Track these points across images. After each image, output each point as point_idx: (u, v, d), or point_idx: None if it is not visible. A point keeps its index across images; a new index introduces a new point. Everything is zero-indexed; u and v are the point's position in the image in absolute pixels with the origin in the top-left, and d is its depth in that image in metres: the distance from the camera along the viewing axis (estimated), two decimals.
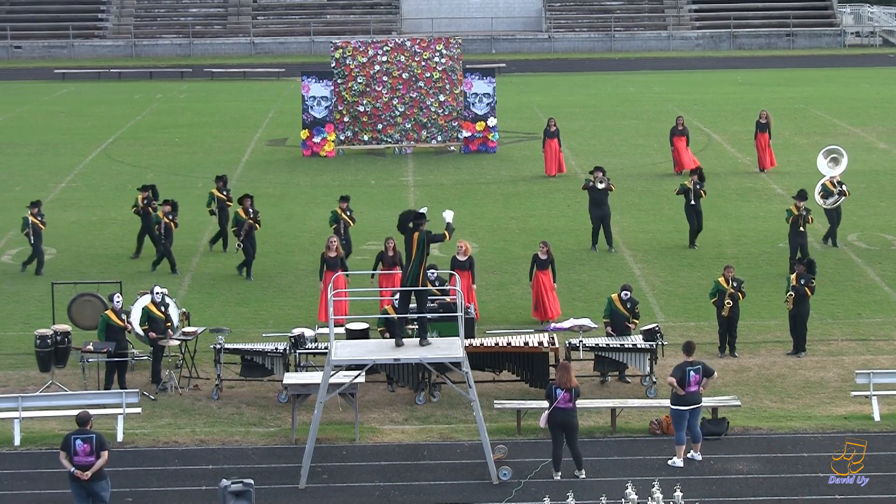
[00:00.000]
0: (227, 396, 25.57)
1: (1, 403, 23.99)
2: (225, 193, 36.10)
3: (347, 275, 29.79)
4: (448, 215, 22.77)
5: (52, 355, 25.88)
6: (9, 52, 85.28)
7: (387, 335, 25.23)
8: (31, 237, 33.82)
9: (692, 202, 35.77)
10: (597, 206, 35.57)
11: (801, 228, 32.86)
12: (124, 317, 26.13)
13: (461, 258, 29.44)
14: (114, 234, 37.71)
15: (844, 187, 35.87)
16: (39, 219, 34.04)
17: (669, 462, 22.10)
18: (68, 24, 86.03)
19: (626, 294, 26.73)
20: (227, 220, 35.27)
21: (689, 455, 22.29)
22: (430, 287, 27.28)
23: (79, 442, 19.74)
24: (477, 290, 30.08)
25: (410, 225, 22.59)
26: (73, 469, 19.66)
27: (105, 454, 19.81)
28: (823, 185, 36.05)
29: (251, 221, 33.38)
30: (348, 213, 33.65)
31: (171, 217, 34.01)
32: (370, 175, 45.88)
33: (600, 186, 35.56)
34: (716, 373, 22.74)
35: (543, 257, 29.70)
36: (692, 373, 22.17)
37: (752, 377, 26.32)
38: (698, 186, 35.87)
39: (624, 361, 25.79)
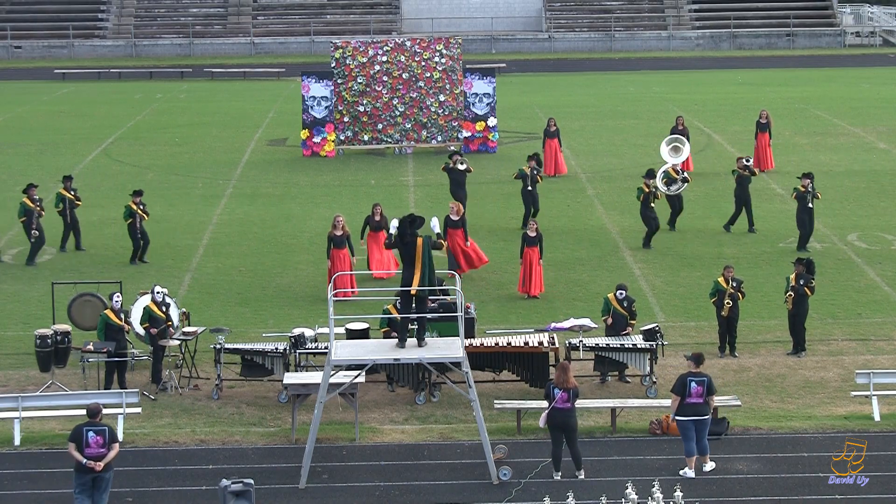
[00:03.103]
0: (227, 396, 25.56)
1: (1, 403, 23.99)
2: (73, 193, 36.27)
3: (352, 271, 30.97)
4: (434, 223, 22.97)
5: (52, 355, 25.88)
6: (9, 52, 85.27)
7: (392, 335, 25.17)
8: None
9: (529, 187, 37.52)
10: (459, 188, 37.77)
11: (652, 204, 35.15)
12: (123, 316, 26.13)
13: (454, 217, 32.31)
14: (114, 234, 37.68)
15: (686, 174, 37.78)
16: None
17: (681, 472, 21.85)
18: (68, 24, 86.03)
19: (621, 293, 26.72)
20: (76, 219, 36.12)
21: (703, 468, 21.98)
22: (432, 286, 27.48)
23: (91, 434, 19.83)
24: (476, 290, 30.53)
25: (408, 231, 22.45)
26: (84, 460, 19.69)
27: (116, 446, 20.01)
28: (666, 172, 37.64)
29: (38, 209, 34.73)
30: (142, 207, 34.67)
31: None
32: (370, 175, 45.89)
33: (461, 168, 37.85)
34: (715, 395, 22.25)
35: (532, 234, 31.30)
36: (693, 384, 21.86)
37: (752, 377, 26.32)
38: (535, 172, 37.65)
39: (624, 361, 25.79)
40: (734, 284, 27.43)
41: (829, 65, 78.72)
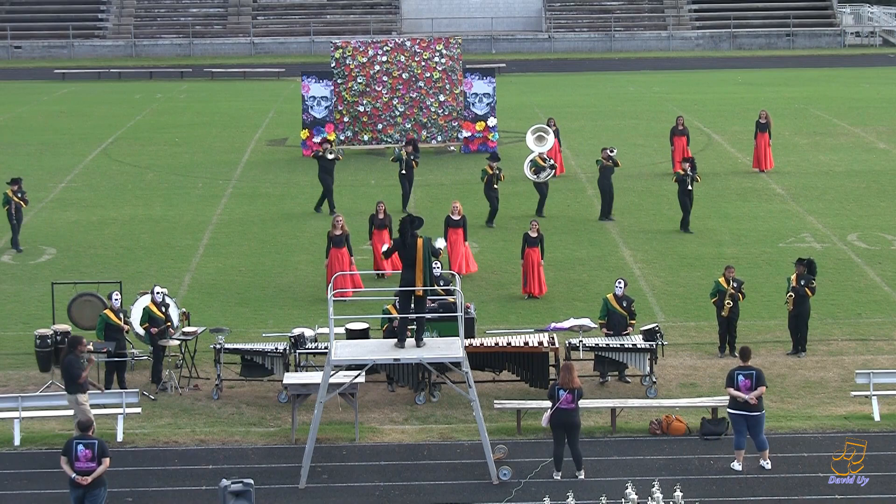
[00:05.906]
0: (227, 396, 25.57)
1: (1, 403, 24.00)
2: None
3: (352, 265, 31.19)
4: (440, 243, 23.81)
5: (52, 355, 25.87)
6: (9, 52, 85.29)
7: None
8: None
9: (403, 171, 39.58)
10: (326, 174, 39.78)
11: (496, 186, 37.37)
12: (122, 316, 26.13)
13: (455, 217, 32.79)
14: (114, 234, 37.73)
15: (553, 161, 39.09)
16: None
17: (731, 465, 21.88)
18: (68, 24, 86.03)
19: (619, 286, 26.63)
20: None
21: (760, 463, 21.96)
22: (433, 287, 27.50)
23: (81, 447, 19.65)
24: (476, 290, 30.62)
25: (408, 231, 22.47)
26: (73, 475, 19.60)
27: (106, 461, 19.72)
28: (533, 160, 39.19)
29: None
30: (20, 196, 35.44)
31: None
32: (370, 175, 45.88)
33: (329, 157, 39.91)
34: (764, 387, 22.13)
35: (534, 235, 31.43)
36: (741, 377, 21.88)
37: None
38: (411, 157, 39.81)
39: (624, 361, 25.78)
40: (735, 285, 27.43)
41: (829, 65, 78.72)
